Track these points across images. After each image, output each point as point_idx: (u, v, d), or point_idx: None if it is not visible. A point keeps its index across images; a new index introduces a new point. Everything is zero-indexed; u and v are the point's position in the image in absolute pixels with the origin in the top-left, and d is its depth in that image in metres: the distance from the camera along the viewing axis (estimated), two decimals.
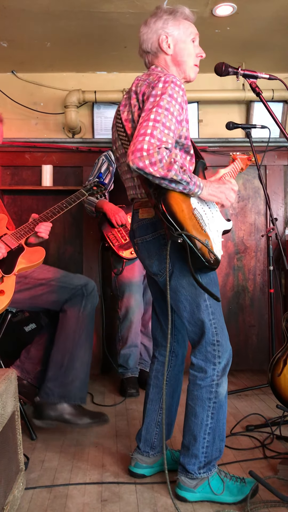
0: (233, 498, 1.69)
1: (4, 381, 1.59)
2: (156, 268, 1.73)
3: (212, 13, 2.80)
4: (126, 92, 1.77)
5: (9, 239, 2.25)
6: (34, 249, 2.29)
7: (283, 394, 2.35)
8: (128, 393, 2.86)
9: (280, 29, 3.01)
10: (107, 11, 2.76)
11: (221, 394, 1.71)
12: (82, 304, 2.30)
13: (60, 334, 2.29)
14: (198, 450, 1.70)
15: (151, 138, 1.47)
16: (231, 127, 2.82)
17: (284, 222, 3.63)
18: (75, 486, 1.84)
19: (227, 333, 1.75)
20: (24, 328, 2.74)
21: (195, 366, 1.72)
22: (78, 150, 3.53)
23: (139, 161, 1.46)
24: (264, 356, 3.56)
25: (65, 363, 2.24)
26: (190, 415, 1.73)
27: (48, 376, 2.26)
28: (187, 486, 1.71)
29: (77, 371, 2.25)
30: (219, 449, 1.74)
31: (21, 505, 1.70)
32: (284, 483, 1.78)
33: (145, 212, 1.73)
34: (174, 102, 1.56)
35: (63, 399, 2.22)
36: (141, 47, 1.80)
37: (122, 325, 2.97)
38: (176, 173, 1.49)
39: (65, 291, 2.31)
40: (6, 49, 3.22)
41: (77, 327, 2.27)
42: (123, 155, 1.78)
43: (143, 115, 1.54)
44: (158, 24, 1.75)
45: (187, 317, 1.71)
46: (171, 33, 1.75)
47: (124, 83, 3.50)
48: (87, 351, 2.32)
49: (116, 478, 1.89)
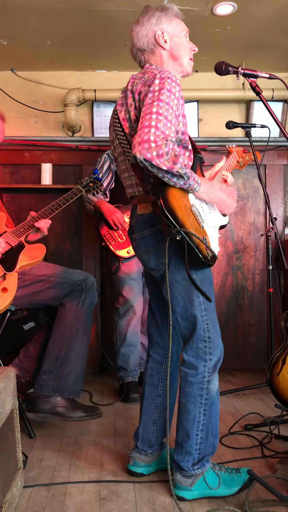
0: (229, 491, 1.71)
1: (2, 379, 1.59)
2: (153, 263, 1.74)
3: (212, 12, 2.79)
4: (122, 91, 1.78)
5: (9, 236, 2.25)
6: (35, 246, 2.30)
7: (282, 394, 2.35)
8: (131, 398, 2.80)
9: (281, 28, 3.01)
10: (107, 9, 2.75)
11: (213, 390, 1.73)
12: (81, 298, 2.31)
13: (57, 327, 2.30)
14: (191, 447, 1.71)
15: (156, 130, 1.48)
16: (231, 126, 2.82)
17: (284, 222, 3.63)
18: (73, 484, 1.84)
19: (219, 330, 1.77)
20: (23, 327, 2.73)
21: (186, 362, 1.74)
22: (78, 149, 3.52)
23: (147, 152, 1.46)
24: (263, 355, 3.56)
25: (61, 356, 2.24)
26: (182, 412, 1.74)
27: (43, 368, 2.27)
28: (184, 485, 1.71)
29: (73, 365, 2.26)
30: (213, 445, 1.74)
31: (19, 503, 1.70)
32: (283, 482, 1.79)
33: (143, 207, 1.74)
34: (173, 96, 1.57)
35: (57, 393, 2.23)
36: (136, 46, 1.81)
37: (121, 321, 2.95)
38: (181, 166, 1.51)
39: (65, 286, 2.32)
40: (5, 47, 3.22)
41: (75, 321, 2.28)
42: (121, 154, 1.79)
43: (144, 109, 1.55)
44: (152, 21, 1.77)
45: (180, 312, 1.72)
46: (166, 29, 1.78)
47: (123, 81, 3.44)
48: (84, 345, 2.32)
49: (115, 477, 1.89)
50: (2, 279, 2.17)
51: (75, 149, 3.52)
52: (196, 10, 2.78)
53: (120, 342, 2.96)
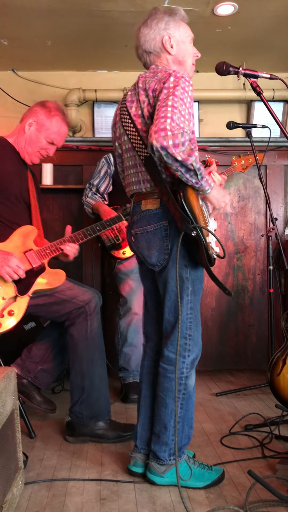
0: (198, 484, 1.78)
1: (3, 380, 1.59)
2: (155, 259, 1.77)
3: (213, 12, 2.79)
4: (130, 89, 1.81)
5: (33, 256, 2.20)
6: (55, 272, 2.25)
7: (282, 394, 2.35)
8: (131, 399, 2.80)
9: (281, 28, 3.01)
10: (108, 9, 2.75)
11: (190, 386, 1.80)
12: (88, 324, 2.25)
13: (74, 358, 2.26)
14: (168, 438, 1.78)
15: (172, 121, 1.52)
16: (232, 126, 2.82)
17: (284, 222, 3.63)
18: (74, 485, 1.84)
19: (201, 330, 1.83)
20: (24, 327, 2.74)
21: (165, 358, 1.79)
22: (79, 149, 3.52)
23: (163, 140, 1.49)
24: (263, 355, 3.56)
25: (86, 385, 2.23)
26: (160, 405, 1.80)
27: (73, 400, 2.26)
28: (156, 471, 1.81)
29: (99, 389, 2.25)
30: (188, 436, 1.83)
31: (19, 503, 1.70)
32: (283, 483, 1.79)
33: (148, 203, 1.76)
34: (186, 94, 1.61)
35: (93, 419, 2.23)
36: (142, 47, 1.84)
37: (122, 321, 2.96)
38: (196, 160, 1.54)
39: (67, 305, 2.26)
40: (7, 47, 3.22)
41: (89, 350, 2.24)
42: (129, 150, 1.80)
43: (159, 103, 1.59)
44: (160, 25, 1.81)
45: (169, 306, 1.78)
46: (173, 34, 1.82)
47: (124, 81, 3.49)
48: (103, 365, 2.31)
49: (115, 477, 1.90)
50: (13, 300, 2.12)
51: (76, 149, 3.52)
52: (197, 11, 2.78)
53: (121, 342, 2.97)
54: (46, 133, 2.25)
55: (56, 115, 2.26)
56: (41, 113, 2.26)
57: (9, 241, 2.17)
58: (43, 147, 2.28)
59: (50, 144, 2.28)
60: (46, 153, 2.30)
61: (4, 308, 2.10)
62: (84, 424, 2.23)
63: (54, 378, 2.50)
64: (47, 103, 2.28)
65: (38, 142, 2.26)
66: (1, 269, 2.06)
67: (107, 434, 2.23)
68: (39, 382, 2.40)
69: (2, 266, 2.06)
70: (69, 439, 2.25)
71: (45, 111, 2.26)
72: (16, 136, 2.29)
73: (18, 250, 2.17)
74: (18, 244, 2.19)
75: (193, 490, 1.77)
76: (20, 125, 2.30)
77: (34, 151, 2.28)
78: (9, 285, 2.12)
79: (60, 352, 2.44)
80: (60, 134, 2.29)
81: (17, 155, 2.29)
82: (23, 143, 2.27)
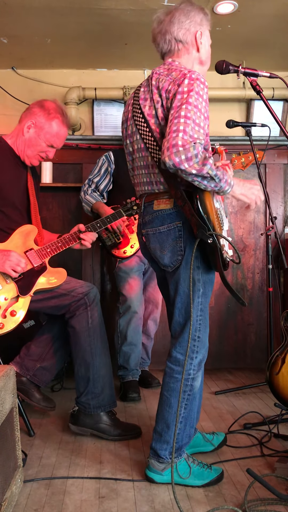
0: (197, 482, 1.78)
1: (2, 378, 1.59)
2: (168, 260, 1.76)
3: (213, 10, 2.79)
4: (143, 85, 1.77)
5: (34, 256, 2.20)
6: (56, 270, 2.25)
7: (281, 393, 2.35)
8: (129, 398, 2.80)
9: (281, 27, 3.01)
10: (108, 7, 2.75)
11: (196, 387, 1.79)
12: (88, 315, 2.26)
13: (76, 349, 2.26)
14: (170, 437, 1.78)
15: (184, 134, 1.50)
16: (231, 125, 2.82)
17: (284, 221, 3.63)
18: (73, 483, 1.84)
19: (208, 331, 1.82)
20: (23, 325, 2.73)
21: (172, 358, 1.78)
22: (78, 147, 3.52)
23: (175, 156, 1.48)
24: (263, 354, 3.56)
25: (91, 376, 2.23)
26: (165, 405, 1.80)
27: (79, 391, 2.27)
28: (156, 469, 1.81)
29: (104, 379, 2.26)
30: (189, 435, 1.83)
31: (18, 501, 1.70)
32: (282, 481, 1.79)
33: (161, 203, 1.75)
34: (201, 99, 1.58)
35: (99, 409, 2.24)
36: (173, 33, 1.77)
37: (121, 320, 2.95)
38: (211, 167, 1.52)
39: (66, 298, 2.27)
40: (6, 45, 3.21)
41: (91, 340, 2.25)
42: (142, 150, 1.77)
43: (172, 113, 1.57)
44: (196, 19, 1.78)
45: (179, 308, 1.77)
46: (205, 32, 1.81)
47: (124, 80, 3.49)
48: (106, 354, 2.31)
49: (114, 475, 1.90)
50: (15, 301, 2.12)
51: (76, 148, 3.52)
52: None
53: (121, 341, 2.96)
54: (45, 136, 2.23)
55: (55, 117, 2.23)
56: (40, 115, 2.22)
57: (10, 241, 2.17)
58: (43, 150, 2.26)
59: (49, 147, 2.27)
60: (46, 155, 2.29)
61: (6, 309, 2.10)
62: (90, 414, 2.24)
63: (53, 376, 2.50)
64: (46, 104, 2.24)
65: (37, 145, 2.24)
66: (4, 265, 2.06)
67: (109, 430, 2.23)
68: (38, 380, 2.40)
69: (4, 262, 2.06)
70: (71, 427, 2.26)
71: (44, 113, 2.22)
72: (15, 138, 2.27)
73: (18, 250, 2.17)
74: (19, 244, 2.19)
75: (192, 488, 1.78)
76: (19, 127, 2.27)
77: (34, 154, 2.26)
78: (10, 286, 2.12)
79: (59, 349, 2.44)
80: (59, 137, 2.27)
81: (16, 159, 2.27)
82: (22, 146, 2.25)
